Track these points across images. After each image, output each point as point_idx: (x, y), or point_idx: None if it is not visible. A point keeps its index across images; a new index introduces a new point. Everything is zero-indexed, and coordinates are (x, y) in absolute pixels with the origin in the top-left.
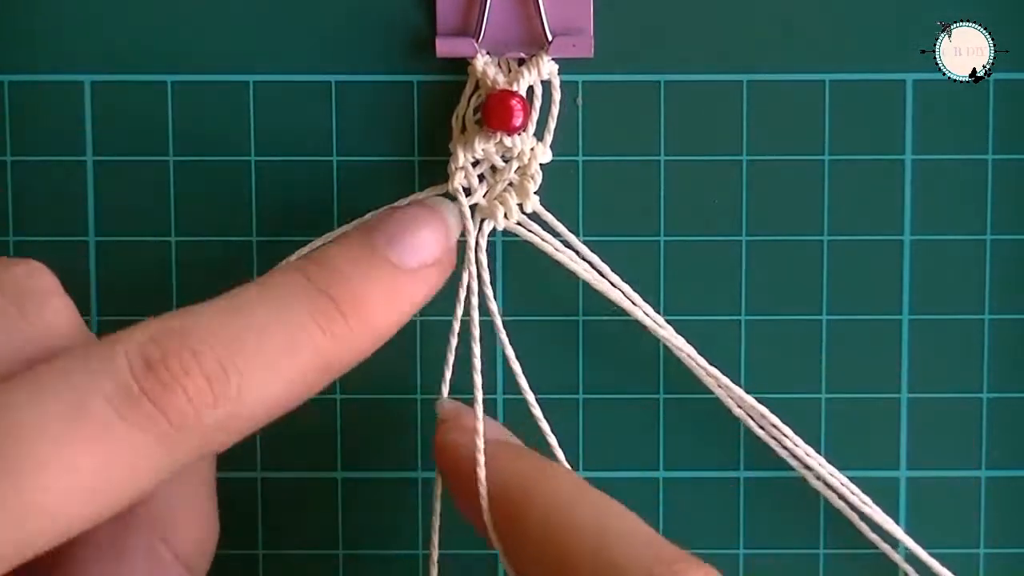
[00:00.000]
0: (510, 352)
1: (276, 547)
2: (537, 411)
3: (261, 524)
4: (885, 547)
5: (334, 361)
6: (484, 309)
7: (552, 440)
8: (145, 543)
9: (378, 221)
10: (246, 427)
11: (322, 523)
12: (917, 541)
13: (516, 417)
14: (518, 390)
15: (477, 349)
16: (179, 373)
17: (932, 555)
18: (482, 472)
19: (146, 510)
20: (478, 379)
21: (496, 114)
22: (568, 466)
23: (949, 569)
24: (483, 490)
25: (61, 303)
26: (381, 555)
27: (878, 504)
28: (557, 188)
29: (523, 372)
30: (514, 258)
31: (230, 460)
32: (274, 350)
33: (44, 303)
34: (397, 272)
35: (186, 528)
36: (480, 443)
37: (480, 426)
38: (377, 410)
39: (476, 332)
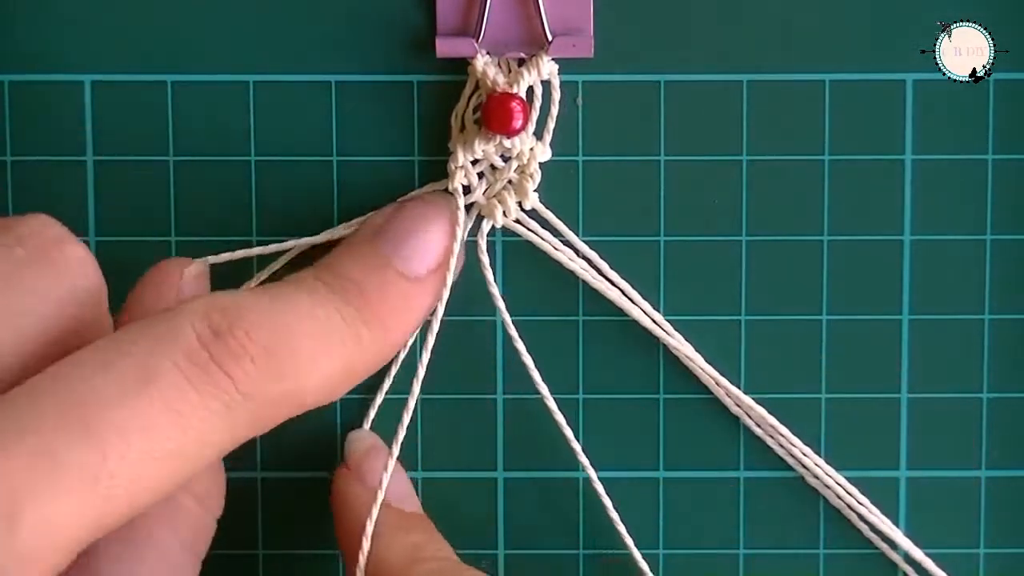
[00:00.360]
0: (521, 346)
1: (276, 547)
2: (552, 403)
3: (261, 524)
4: (884, 547)
5: (359, 365)
6: (485, 309)
7: (568, 432)
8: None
9: (382, 224)
10: (296, 407)
11: (322, 523)
12: (917, 541)
13: (516, 417)
14: (518, 390)
15: (426, 357)
16: (245, 341)
17: (932, 555)
18: (364, 552)
19: None
20: (408, 410)
21: (496, 117)
22: (583, 460)
23: (949, 569)
24: (361, 563)
25: (80, 250)
26: None
27: (878, 504)
28: (557, 188)
29: (522, 372)
30: (514, 258)
31: (230, 460)
32: (315, 340)
33: (64, 251)
34: (406, 281)
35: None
36: (374, 513)
37: (385, 479)
38: (377, 409)
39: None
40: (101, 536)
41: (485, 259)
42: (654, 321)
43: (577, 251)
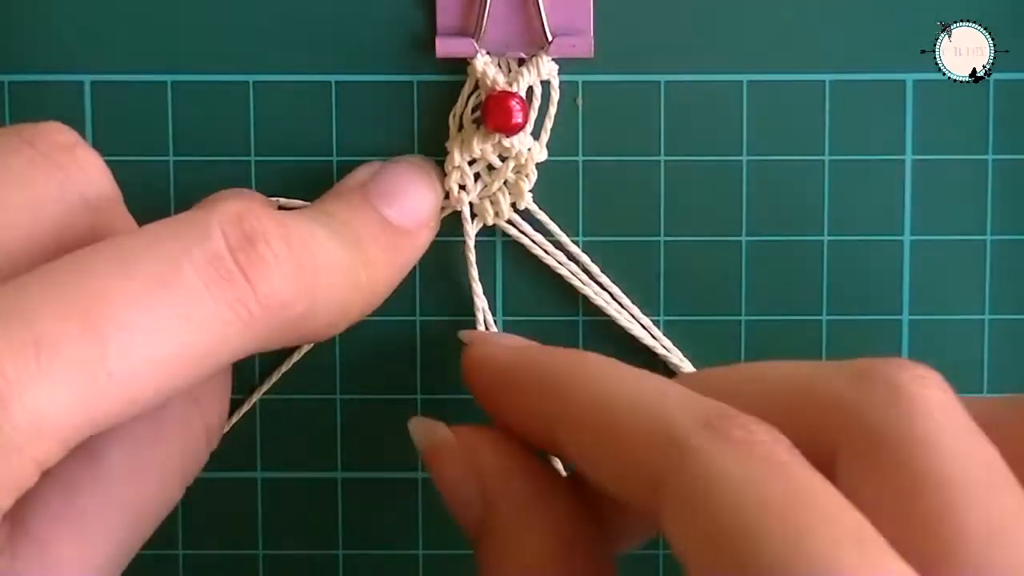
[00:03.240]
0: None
1: (276, 547)
2: None
3: (261, 524)
4: None
5: (354, 307)
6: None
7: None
8: (183, 409)
9: (371, 179)
10: (303, 334)
11: (322, 523)
12: None
13: None
14: None
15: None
16: (279, 250)
17: None
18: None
19: None
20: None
21: (495, 115)
22: (564, 472)
23: None
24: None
25: (92, 155)
26: (381, 555)
27: None
28: (557, 188)
29: None
30: (514, 258)
31: (230, 460)
32: (331, 271)
33: (75, 156)
34: (396, 234)
35: (212, 395)
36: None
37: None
38: (377, 410)
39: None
40: (94, 433)
41: (472, 257)
42: (643, 326)
43: (568, 253)
